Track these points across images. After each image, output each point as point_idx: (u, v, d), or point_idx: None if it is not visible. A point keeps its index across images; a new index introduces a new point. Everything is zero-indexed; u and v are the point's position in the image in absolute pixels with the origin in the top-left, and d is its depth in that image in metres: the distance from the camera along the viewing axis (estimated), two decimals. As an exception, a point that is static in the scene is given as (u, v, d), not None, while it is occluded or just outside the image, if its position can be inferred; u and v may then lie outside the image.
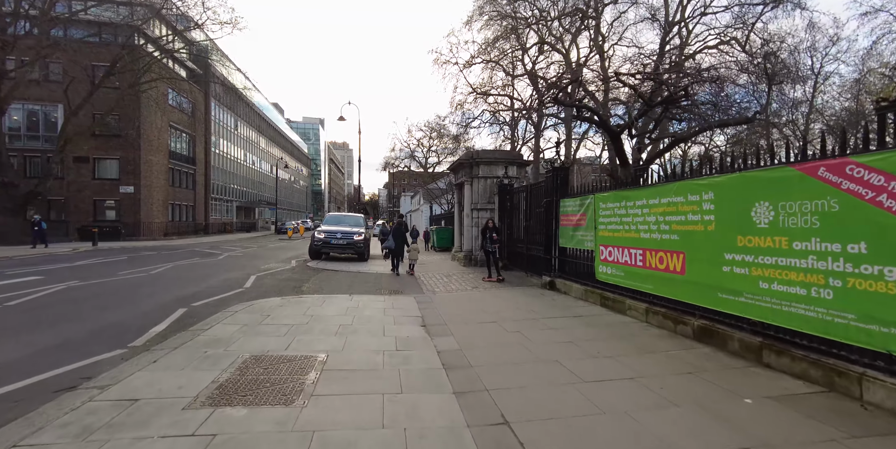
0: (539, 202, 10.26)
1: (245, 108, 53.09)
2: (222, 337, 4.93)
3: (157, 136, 32.73)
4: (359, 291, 8.92)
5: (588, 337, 5.15)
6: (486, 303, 7.53)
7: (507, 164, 12.96)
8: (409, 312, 6.70)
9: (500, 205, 12.85)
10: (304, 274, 11.30)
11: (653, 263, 5.71)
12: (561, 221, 8.69)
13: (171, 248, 20.07)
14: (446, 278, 10.93)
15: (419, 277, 11.11)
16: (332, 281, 10.17)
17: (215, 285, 8.98)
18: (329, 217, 16.95)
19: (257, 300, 7.30)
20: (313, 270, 12.13)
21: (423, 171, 44.73)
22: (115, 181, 30.04)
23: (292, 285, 9.28)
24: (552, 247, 8.97)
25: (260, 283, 9.54)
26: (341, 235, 14.49)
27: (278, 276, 10.78)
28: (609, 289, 6.82)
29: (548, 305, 7.25)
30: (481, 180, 13.42)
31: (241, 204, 51.49)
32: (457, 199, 15.89)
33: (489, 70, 29.18)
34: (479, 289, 9.24)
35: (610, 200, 6.81)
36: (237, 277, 10.35)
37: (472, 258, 13.54)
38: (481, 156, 13.34)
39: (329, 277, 10.94)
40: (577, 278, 7.98)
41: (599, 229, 7.11)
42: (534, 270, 10.42)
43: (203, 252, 17.46)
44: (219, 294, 7.94)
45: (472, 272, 12.03)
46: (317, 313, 6.39)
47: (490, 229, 10.33)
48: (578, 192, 8.15)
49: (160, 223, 32.44)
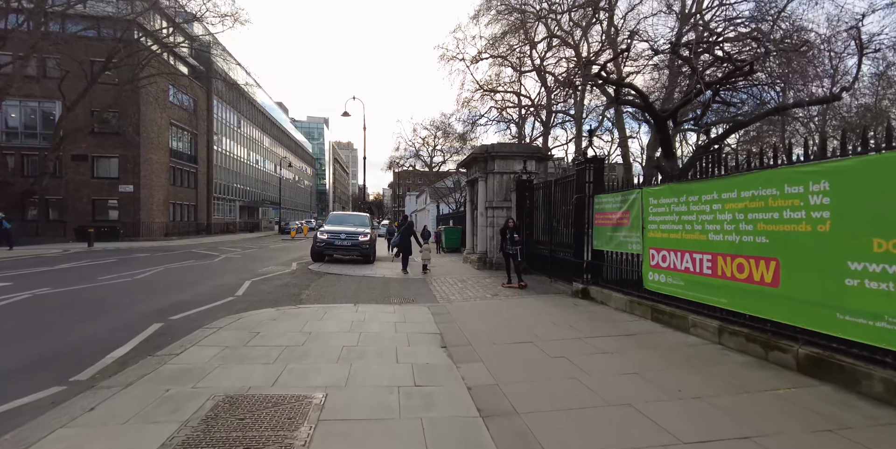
0: (566, 199, 9.18)
1: (248, 106, 52.35)
2: (194, 366, 3.90)
3: (158, 133, 31.94)
4: (365, 299, 7.89)
5: (655, 365, 4.07)
6: (512, 315, 6.47)
7: (525, 158, 11.88)
8: (425, 328, 5.66)
9: (517, 203, 11.78)
10: (305, 279, 10.29)
11: (728, 272, 4.63)
12: (595, 221, 7.61)
13: (168, 249, 19.17)
14: (461, 284, 9.89)
15: (431, 283, 10.07)
16: (336, 287, 9.15)
17: (204, 293, 7.98)
18: (332, 216, 15.94)
19: (248, 312, 6.29)
20: (315, 274, 11.12)
21: (428, 171, 44.09)
22: (115, 180, 29.26)
23: (290, 292, 8.27)
24: (584, 249, 7.89)
25: (255, 289, 8.54)
26: (345, 235, 13.48)
27: (276, 281, 9.78)
28: (663, 300, 5.74)
29: (587, 318, 6.18)
30: (497, 176, 12.36)
31: (245, 204, 50.73)
32: (468, 197, 14.83)
33: (496, 66, 28.32)
34: (500, 297, 8.18)
35: (664, 195, 5.72)
36: (230, 282, 9.35)
37: (487, 261, 12.48)
38: (497, 149, 12.28)
39: (332, 282, 9.93)
40: (617, 287, 6.90)
41: (649, 230, 6.03)
42: (560, 274, 9.34)
43: (200, 254, 16.52)
44: (206, 304, 6.93)
45: (489, 277, 10.97)
46: (316, 330, 5.36)
47: (510, 229, 9.27)
48: (620, 186, 7.06)
49: (161, 223, 31.65)
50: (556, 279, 9.67)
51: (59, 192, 28.03)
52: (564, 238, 9.20)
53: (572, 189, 8.78)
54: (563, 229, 9.40)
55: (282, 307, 6.74)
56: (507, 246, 9.32)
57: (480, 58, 28.41)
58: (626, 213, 6.62)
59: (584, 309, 6.82)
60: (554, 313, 6.53)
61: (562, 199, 9.40)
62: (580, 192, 7.99)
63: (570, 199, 8.90)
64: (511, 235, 9.24)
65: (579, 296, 7.73)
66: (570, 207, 8.80)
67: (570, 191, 8.97)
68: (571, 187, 8.85)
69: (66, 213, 28.11)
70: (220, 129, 44.71)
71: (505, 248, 9.37)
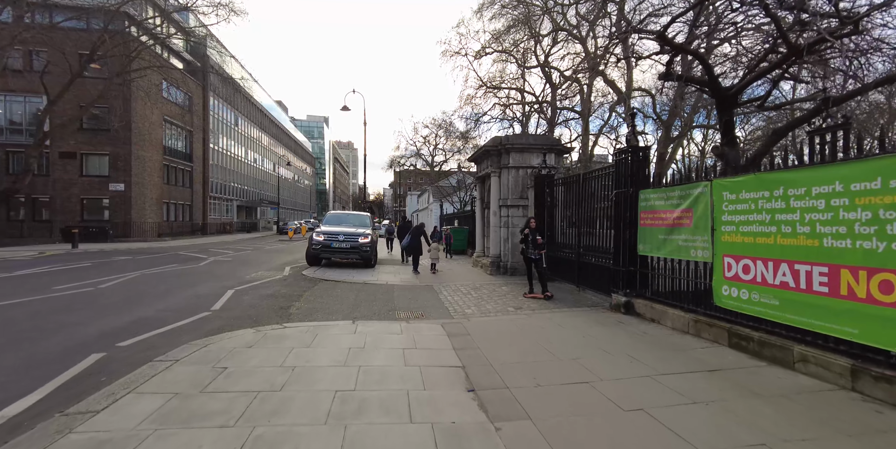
0: (598, 195, 7.94)
1: (246, 103, 51.14)
2: (113, 436, 2.66)
3: (151, 130, 30.74)
4: (366, 313, 6.66)
5: (787, 429, 2.82)
6: (548, 337, 5.23)
7: (544, 150, 10.63)
8: (442, 358, 4.42)
9: (536, 200, 10.54)
10: (297, 287, 9.05)
11: (860, 291, 3.39)
12: (641, 220, 6.36)
13: (155, 250, 17.94)
14: (475, 293, 8.64)
15: (441, 292, 8.83)
16: (332, 297, 7.91)
17: (173, 307, 6.74)
18: (330, 216, 14.68)
19: (219, 336, 5.05)
20: (309, 281, 9.88)
21: (429, 170, 43.17)
22: (105, 178, 28.06)
23: (278, 305, 7.03)
24: (624, 254, 6.65)
25: (236, 302, 7.30)
26: (344, 237, 12.24)
27: (263, 290, 8.54)
28: (744, 322, 4.50)
29: (644, 343, 4.93)
30: (512, 171, 11.11)
31: (242, 203, 49.54)
32: (479, 195, 13.59)
33: (500, 62, 27.47)
34: (525, 311, 6.94)
35: (748, 188, 4.47)
36: (210, 291, 8.11)
37: (501, 265, 11.24)
38: (512, 141, 11.04)
39: (328, 290, 8.69)
40: (674, 301, 5.65)
41: (723, 232, 4.78)
42: (590, 283, 8.10)
43: (187, 256, 15.29)
44: (171, 322, 5.69)
45: (505, 284, 9.73)
46: (302, 363, 4.13)
47: (532, 231, 8.02)
48: (676, 178, 5.82)
49: (153, 223, 30.43)
50: (584, 288, 8.43)
51: (46, 191, 26.86)
52: (596, 241, 7.96)
53: (607, 184, 7.55)
54: (594, 231, 8.16)
55: (263, 327, 5.49)
56: (529, 250, 8.08)
57: (484, 52, 27.37)
58: (687, 212, 5.37)
59: (633, 329, 5.57)
60: (600, 336, 5.28)
61: (592, 195, 8.16)
62: (621, 186, 6.74)
63: (605, 195, 7.67)
64: (533, 238, 8.00)
65: (621, 310, 6.48)
66: (605, 205, 7.56)
67: (603, 186, 7.73)
68: (606, 182, 7.61)
69: (53, 212, 26.91)
70: (217, 126, 43.51)
71: (526, 252, 8.13)
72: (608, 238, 7.43)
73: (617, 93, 25.78)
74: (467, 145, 35.10)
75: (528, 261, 8.20)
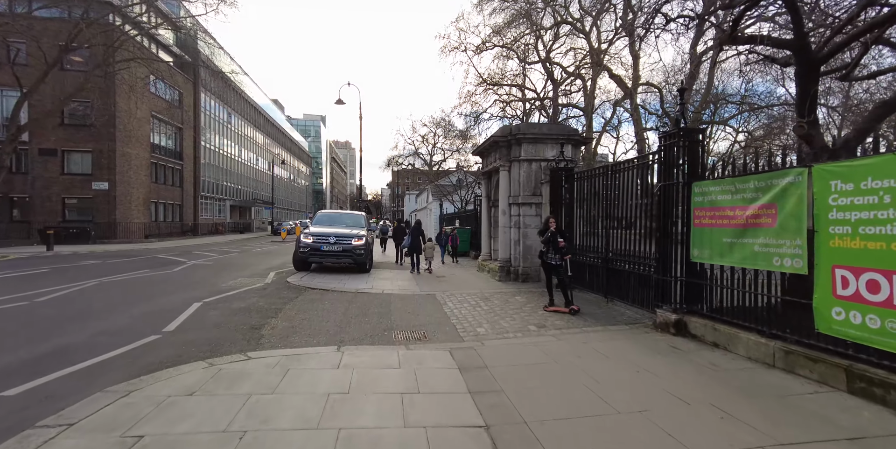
0: (631, 190, 6.72)
1: (240, 100, 49.78)
2: None
3: (137, 126, 29.39)
4: (356, 334, 5.41)
5: None
6: (593, 374, 3.98)
7: (561, 141, 9.39)
8: (457, 410, 3.18)
9: (551, 198, 9.30)
10: (278, 298, 7.78)
11: None
12: (696, 219, 5.14)
13: (133, 253, 16.62)
14: (485, 304, 7.40)
15: (445, 302, 7.58)
16: (317, 312, 6.65)
17: (114, 328, 5.45)
18: (321, 215, 13.38)
19: (154, 375, 3.77)
20: (293, 290, 8.61)
21: (427, 170, 42.38)
22: (88, 177, 26.71)
23: (249, 324, 5.76)
24: (673, 262, 5.42)
25: (198, 319, 6.02)
26: (335, 238, 10.97)
27: (237, 302, 7.26)
28: (876, 361, 3.27)
29: (725, 384, 3.68)
30: (524, 164, 9.88)
31: (236, 203, 48.19)
32: (484, 192, 12.36)
33: (501, 59, 26.73)
34: (550, 329, 5.70)
35: (879, 173, 3.24)
36: (171, 305, 6.83)
37: (512, 271, 10.00)
38: (524, 131, 9.79)
39: (313, 302, 7.43)
40: (746, 322, 4.42)
41: (833, 235, 3.55)
42: (623, 294, 6.87)
43: (164, 260, 13.98)
44: (99, 353, 4.41)
45: (518, 293, 8.50)
46: (256, 425, 2.87)
47: (554, 233, 6.78)
48: (751, 166, 4.57)
49: (140, 224, 29.09)
50: (613, 299, 7.20)
51: (25, 190, 25.50)
52: (630, 244, 6.72)
53: (645, 176, 6.32)
54: (626, 232, 6.93)
55: (220, 359, 4.23)
56: (549, 255, 6.83)
57: (485, 47, 26.29)
58: (768, 209, 4.15)
59: (698, 359, 4.33)
60: (660, 370, 4.03)
61: (625, 190, 6.93)
62: (668, 178, 5.51)
63: (641, 190, 6.44)
64: (554, 240, 6.76)
65: (670, 330, 5.24)
66: (644, 202, 6.33)
67: (640, 179, 6.50)
68: (644, 174, 6.38)
69: (32, 212, 25.54)
70: (209, 123, 42.16)
71: (546, 257, 6.88)
72: (645, 241, 6.21)
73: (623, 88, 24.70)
74: (466, 144, 34.35)
75: (548, 268, 6.95)
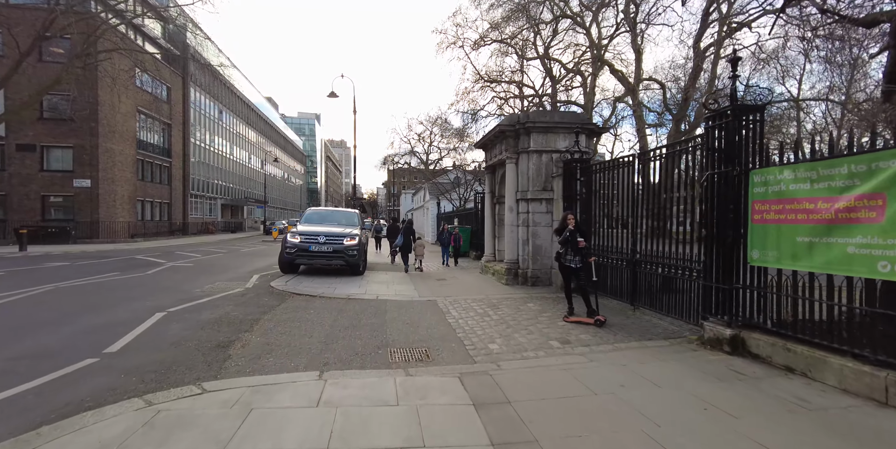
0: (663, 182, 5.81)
1: (231, 96, 48.56)
2: None
3: (122, 121, 28.21)
4: (343, 354, 4.47)
5: None
6: (649, 413, 3.04)
7: (575, 129, 8.46)
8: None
9: (565, 193, 8.37)
10: (257, 306, 6.81)
11: None
12: (756, 214, 4.23)
13: (110, 254, 15.53)
14: (494, 313, 6.47)
15: (448, 310, 6.65)
16: (299, 324, 5.69)
17: (44, 348, 4.42)
18: (310, 213, 12.35)
19: (63, 424, 2.78)
20: (276, 297, 7.63)
21: (424, 168, 41.85)
22: (69, 173, 25.51)
23: (215, 341, 4.79)
24: (723, 265, 4.51)
25: (154, 336, 5.03)
26: (325, 238, 9.99)
27: (207, 312, 6.27)
28: None
29: (832, 433, 2.77)
30: (533, 156, 8.95)
31: (227, 202, 46.99)
32: (488, 187, 11.42)
33: (499, 57, 26.25)
34: (576, 345, 4.78)
35: None
36: (128, 316, 5.82)
37: (520, 274, 9.07)
38: (534, 119, 8.86)
39: (297, 311, 6.47)
40: (833, 343, 3.50)
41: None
42: (655, 301, 5.95)
43: (140, 262, 12.91)
44: (7, 386, 3.41)
45: (529, 298, 7.58)
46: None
47: (573, 231, 5.86)
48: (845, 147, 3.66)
49: (125, 223, 27.92)
50: (640, 306, 6.29)
51: (2, 187, 24.29)
52: (663, 245, 5.81)
53: (683, 165, 5.41)
54: (657, 231, 6.02)
55: (164, 395, 3.26)
56: (567, 257, 5.91)
57: (482, 43, 25.56)
58: (872, 199, 3.24)
59: (775, 390, 3.42)
60: (737, 409, 3.10)
61: (656, 183, 6.02)
62: (717, 165, 4.59)
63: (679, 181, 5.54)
64: (574, 240, 5.84)
65: (724, 348, 4.33)
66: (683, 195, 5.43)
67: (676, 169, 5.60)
68: (682, 162, 5.47)
69: (10, 211, 24.34)
70: (199, 120, 40.99)
71: (564, 259, 5.96)
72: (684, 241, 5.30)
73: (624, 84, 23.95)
74: (463, 143, 33.78)
75: (567, 271, 6.03)
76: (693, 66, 21.92)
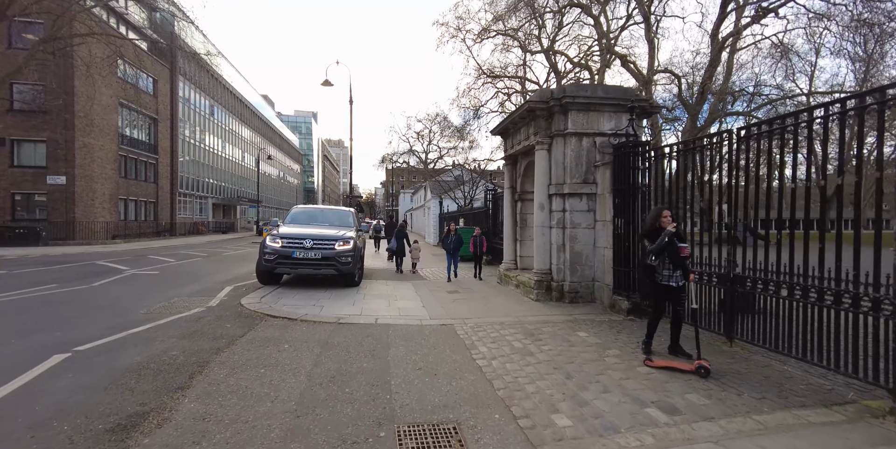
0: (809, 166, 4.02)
1: (223, 91, 46.62)
2: None
3: (102, 114, 26.32)
4: (324, 436, 2.66)
5: None
6: None
7: (631, 105, 6.66)
8: None
9: (615, 185, 6.59)
10: (213, 337, 4.98)
11: None
12: None
13: (69, 259, 13.63)
14: (536, 347, 4.67)
15: (476, 346, 4.85)
16: (264, 371, 3.89)
17: None
18: (297, 212, 10.44)
19: None
20: (243, 322, 5.80)
21: (423, 168, 40.48)
22: (42, 170, 23.66)
23: (116, 417, 2.96)
24: None
25: (15, 407, 3.21)
26: (312, 242, 8.17)
27: (135, 350, 4.43)
28: None
29: None
30: (571, 140, 7.15)
31: (219, 201, 45.04)
32: (507, 182, 9.61)
33: (502, 51, 24.95)
34: (694, 421, 2.99)
35: None
36: (4, 363, 4.01)
37: (554, 287, 7.28)
38: (572, 93, 7.04)
39: (266, 347, 4.66)
40: None
41: None
42: (767, 336, 4.15)
43: (97, 269, 11.01)
44: None
45: (577, 324, 5.79)
46: None
47: (672, 235, 4.03)
48: None
49: (105, 223, 26.03)
50: (739, 339, 4.49)
51: (-33, 185, 22.39)
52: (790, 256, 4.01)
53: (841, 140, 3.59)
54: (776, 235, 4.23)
55: None
56: (664, 272, 4.12)
57: (486, 35, 23.98)
58: None
59: None
60: None
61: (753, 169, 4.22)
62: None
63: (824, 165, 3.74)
64: (672, 247, 4.04)
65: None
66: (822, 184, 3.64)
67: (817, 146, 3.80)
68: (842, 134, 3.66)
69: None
70: (189, 115, 39.06)
71: (661, 275, 4.14)
72: (835, 250, 3.52)
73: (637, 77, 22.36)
74: (463, 142, 32.46)
75: (664, 293, 4.21)
76: (710, 58, 20.39)
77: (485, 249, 10.59)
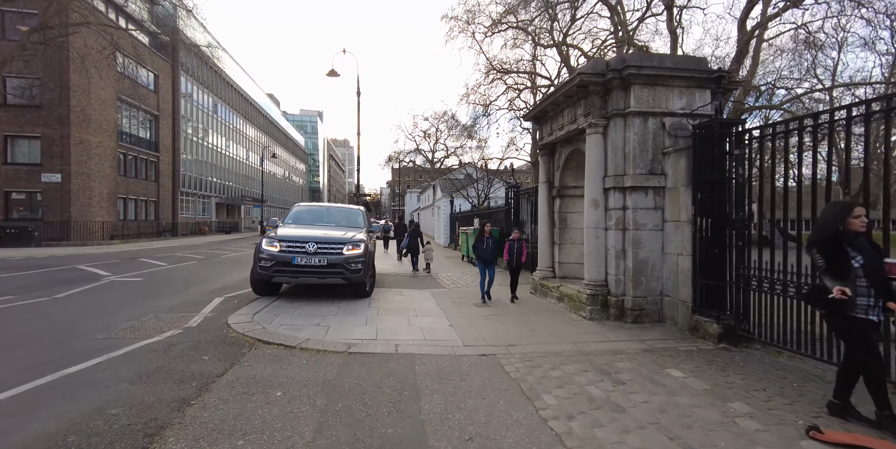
0: None
1: (228, 88, 45.61)
2: None
3: (99, 110, 25.25)
4: None
5: None
6: None
7: (701, 80, 5.29)
8: None
9: (695, 177, 5.22)
10: (180, 380, 3.69)
11: None
12: None
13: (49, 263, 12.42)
14: (625, 400, 3.32)
15: (538, 395, 3.51)
16: (240, 446, 2.59)
17: None
18: (299, 210, 9.09)
19: None
20: (225, 352, 4.50)
21: (430, 167, 39.46)
22: (36, 167, 22.62)
23: None
24: None
25: None
26: (316, 246, 6.86)
27: (59, 408, 3.17)
28: None
29: None
30: (635, 121, 5.79)
31: (222, 201, 44.00)
32: (543, 175, 8.24)
33: (512, 46, 23.90)
34: None
35: None
36: None
37: (613, 303, 5.91)
38: (636, 63, 5.65)
39: (250, 395, 3.36)
40: None
41: None
42: None
43: (74, 276, 9.78)
44: None
45: (661, 356, 4.43)
46: None
47: (870, 246, 2.65)
48: None
49: (103, 223, 24.95)
50: None
51: (-43, 183, 21.40)
52: None
53: None
54: None
55: None
56: (860, 299, 2.68)
57: (496, 28, 22.76)
58: None
59: None
60: None
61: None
62: None
63: None
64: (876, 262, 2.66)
65: None
66: None
67: None
68: None
69: (-33, 209, 21.42)
70: (192, 112, 38.03)
71: (856, 308, 2.69)
72: None
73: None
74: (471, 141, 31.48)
75: (860, 328, 2.77)
76: (738, 48, 18.94)
77: (524, 259, 7.59)
